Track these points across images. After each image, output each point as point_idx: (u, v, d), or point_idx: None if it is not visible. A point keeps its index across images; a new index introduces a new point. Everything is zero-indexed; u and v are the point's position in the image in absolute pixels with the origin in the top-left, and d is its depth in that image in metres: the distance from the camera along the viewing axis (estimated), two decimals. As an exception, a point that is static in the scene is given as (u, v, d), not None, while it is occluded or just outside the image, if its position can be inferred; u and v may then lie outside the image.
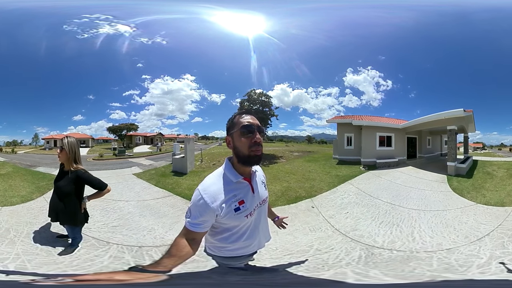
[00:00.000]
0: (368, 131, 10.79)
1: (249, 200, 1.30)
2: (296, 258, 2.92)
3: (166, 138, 28.57)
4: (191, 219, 1.20)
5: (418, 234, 3.62)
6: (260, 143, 1.23)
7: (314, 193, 5.88)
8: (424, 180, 7.26)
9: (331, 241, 3.41)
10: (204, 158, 11.36)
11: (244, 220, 1.30)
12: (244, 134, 1.21)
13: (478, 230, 3.69)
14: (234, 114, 1.30)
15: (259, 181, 1.42)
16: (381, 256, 2.96)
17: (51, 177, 6.87)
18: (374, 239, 3.44)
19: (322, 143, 27.34)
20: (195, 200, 1.20)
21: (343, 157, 11.48)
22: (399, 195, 5.60)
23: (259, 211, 1.40)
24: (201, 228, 1.20)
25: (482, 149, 21.96)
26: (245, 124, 1.21)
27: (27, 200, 5.07)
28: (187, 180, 7.10)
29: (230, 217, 1.23)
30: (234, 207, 1.23)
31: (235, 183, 1.26)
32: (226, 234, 1.32)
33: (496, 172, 7.99)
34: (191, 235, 1.20)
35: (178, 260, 1.09)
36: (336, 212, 4.61)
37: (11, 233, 3.33)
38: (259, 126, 1.25)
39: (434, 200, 5.31)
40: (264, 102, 14.62)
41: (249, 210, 1.29)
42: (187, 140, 8.97)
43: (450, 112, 8.62)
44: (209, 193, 1.19)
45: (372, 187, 6.39)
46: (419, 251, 3.08)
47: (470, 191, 5.96)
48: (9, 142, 21.10)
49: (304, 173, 8.35)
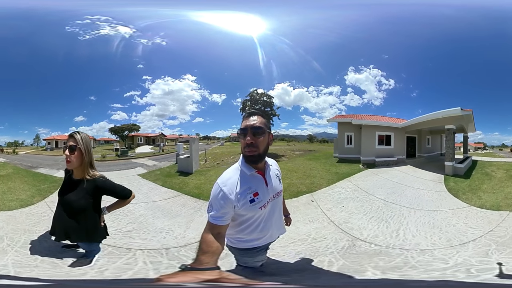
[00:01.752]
0: (367, 130, 10.94)
1: (263, 192, 1.38)
2: (297, 245, 3.19)
3: (168, 138, 28.82)
4: (213, 213, 1.28)
5: (403, 232, 3.70)
6: (253, 144, 1.29)
7: (314, 188, 6.19)
8: (420, 179, 7.34)
9: (325, 231, 3.69)
10: (207, 157, 11.59)
11: (259, 212, 1.38)
12: (240, 136, 1.33)
13: (465, 234, 3.56)
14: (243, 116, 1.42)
15: (273, 175, 1.50)
16: (360, 248, 3.15)
17: (53, 179, 6.79)
18: (361, 232, 3.66)
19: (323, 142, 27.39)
20: (215, 194, 1.30)
21: (343, 155, 11.63)
22: (394, 193, 5.73)
23: (273, 204, 1.48)
24: (223, 220, 1.28)
25: (483, 149, 21.92)
26: (241, 127, 1.32)
27: (26, 204, 4.69)
28: (193, 180, 7.22)
29: (246, 208, 1.32)
30: (249, 199, 1.32)
31: (249, 176, 1.36)
32: (242, 226, 1.42)
33: (495, 173, 7.89)
34: (216, 229, 1.26)
35: (213, 255, 1.15)
36: (333, 206, 4.89)
37: (4, 242, 2.97)
38: (254, 127, 1.30)
39: (427, 200, 5.34)
40: (266, 102, 14.83)
41: (263, 202, 1.37)
42: (192, 140, 9.17)
43: (447, 111, 8.54)
44: (227, 186, 1.29)
45: (369, 184, 6.56)
46: (395, 248, 3.15)
47: (466, 192, 5.86)
48: (10, 142, 21.23)
49: (305, 170, 8.59)
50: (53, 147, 20.67)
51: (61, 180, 2.33)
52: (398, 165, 9.70)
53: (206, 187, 6.27)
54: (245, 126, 1.31)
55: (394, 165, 9.62)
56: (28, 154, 16.81)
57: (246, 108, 14.80)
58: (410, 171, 8.49)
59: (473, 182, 6.79)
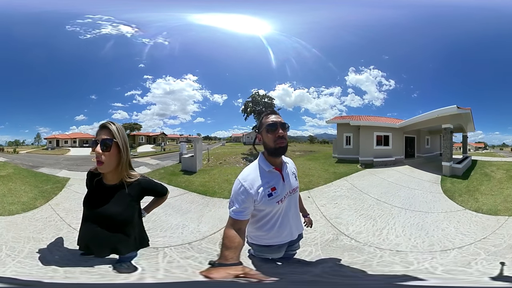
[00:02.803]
0: (365, 131, 11.03)
1: (280, 187, 1.47)
2: None
3: (169, 138, 29.03)
4: (235, 208, 1.35)
5: (387, 231, 3.68)
6: (284, 137, 1.44)
7: (312, 186, 6.45)
8: (417, 179, 7.34)
9: (316, 224, 3.82)
10: (210, 157, 11.77)
11: (276, 206, 1.46)
12: (270, 131, 1.43)
13: (453, 240, 3.29)
14: (262, 115, 1.53)
15: (290, 172, 1.60)
16: (341, 242, 3.28)
17: (55, 180, 6.48)
18: (347, 228, 3.79)
19: (324, 143, 27.45)
20: (236, 189, 1.38)
21: (342, 156, 11.74)
22: (388, 192, 5.80)
23: (289, 200, 1.56)
24: (244, 215, 1.36)
25: (483, 149, 21.86)
26: (270, 122, 1.44)
27: (29, 208, 4.35)
28: (198, 178, 7.40)
29: (264, 202, 1.40)
30: (267, 193, 1.40)
31: (267, 172, 1.45)
32: (262, 221, 1.49)
33: (494, 173, 7.67)
34: (237, 224, 1.33)
35: (236, 251, 1.20)
36: (327, 202, 5.10)
37: (2, 251, 2.63)
38: (282, 122, 1.46)
39: (421, 201, 5.23)
40: (267, 104, 14.96)
41: (280, 196, 1.45)
42: (195, 140, 9.44)
43: (443, 110, 8.38)
44: (248, 181, 1.38)
45: (364, 183, 6.67)
46: (371, 246, 3.16)
47: (463, 193, 5.63)
48: (11, 142, 21.35)
49: (304, 170, 8.76)
50: (54, 146, 20.84)
51: (64, 180, 1.96)
52: (396, 165, 9.74)
53: (211, 185, 6.48)
54: (274, 122, 1.44)
55: (392, 165, 9.67)
56: (29, 153, 16.78)
57: (247, 109, 14.97)
58: (407, 171, 8.52)
59: (471, 183, 6.61)
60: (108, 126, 1.48)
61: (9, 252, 2.61)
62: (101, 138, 1.45)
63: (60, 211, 4.26)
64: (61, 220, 3.88)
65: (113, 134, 1.47)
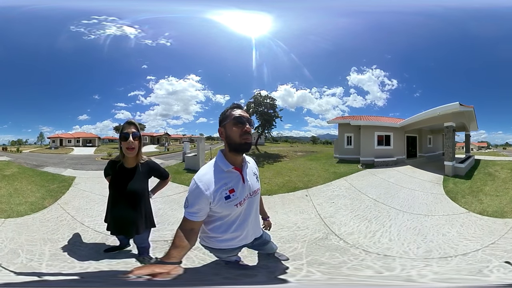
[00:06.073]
0: (366, 131, 11.03)
1: (239, 189, 1.36)
2: (283, 231, 3.51)
3: (172, 138, 29.21)
4: (188, 209, 1.29)
5: (380, 234, 3.47)
6: (250, 132, 1.36)
7: (310, 185, 6.52)
8: (418, 180, 7.13)
9: (309, 222, 3.95)
10: (212, 156, 11.92)
11: (234, 209, 1.36)
12: (236, 125, 1.33)
13: (455, 247, 2.98)
14: (226, 108, 1.42)
15: (251, 173, 1.50)
16: (329, 241, 3.22)
17: (61, 178, 6.51)
18: (340, 228, 3.73)
19: (326, 144, 27.40)
20: (192, 189, 1.29)
21: (343, 156, 11.77)
22: (387, 193, 5.66)
23: (249, 202, 1.45)
24: (198, 217, 1.28)
25: (487, 148, 21.64)
26: (236, 116, 1.35)
27: (38, 208, 4.25)
28: None
29: (221, 205, 1.30)
30: (224, 195, 1.30)
31: (226, 172, 1.34)
32: (217, 223, 1.39)
33: (498, 173, 7.36)
34: (190, 225, 1.28)
35: (182, 251, 1.17)
36: (324, 201, 5.11)
37: (21, 256, 2.49)
38: (249, 118, 1.38)
39: (421, 203, 4.96)
40: (269, 104, 15.00)
41: (239, 199, 1.35)
42: (198, 139, 9.70)
43: (445, 107, 8.09)
44: (203, 181, 1.28)
45: (363, 183, 6.65)
46: (358, 248, 3.02)
47: (466, 195, 5.35)
48: (14, 141, 21.58)
49: (305, 169, 8.87)
50: (58, 145, 20.98)
51: (70, 179, 2.31)
52: (397, 165, 9.66)
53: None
54: (242, 116, 1.35)
55: (393, 165, 9.61)
56: (32, 153, 16.89)
57: (249, 110, 15.04)
58: (408, 172, 8.39)
59: (474, 184, 6.33)
60: (134, 122, 2.06)
61: (29, 256, 2.49)
62: (131, 131, 2.01)
63: (71, 210, 4.24)
64: (72, 219, 3.86)
65: (137, 128, 2.04)
